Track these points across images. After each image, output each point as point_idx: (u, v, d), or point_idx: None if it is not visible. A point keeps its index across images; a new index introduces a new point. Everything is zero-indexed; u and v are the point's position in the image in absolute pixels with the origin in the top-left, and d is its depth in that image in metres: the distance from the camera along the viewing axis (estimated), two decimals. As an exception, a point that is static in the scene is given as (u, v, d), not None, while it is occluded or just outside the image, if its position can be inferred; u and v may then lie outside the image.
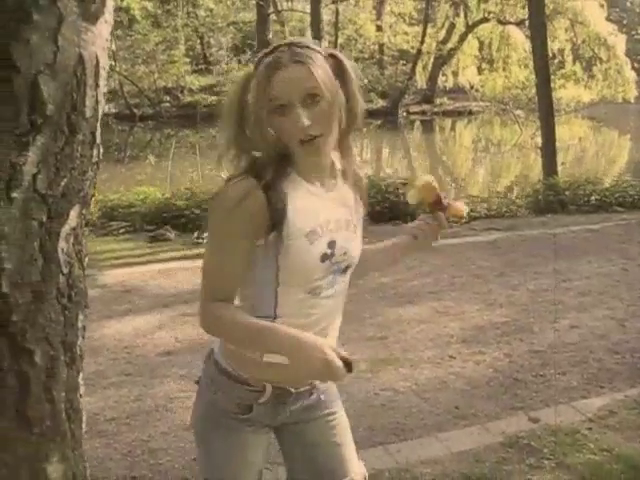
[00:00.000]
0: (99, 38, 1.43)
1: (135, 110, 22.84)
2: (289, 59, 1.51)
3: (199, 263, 5.79)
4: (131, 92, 23.68)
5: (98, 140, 1.53)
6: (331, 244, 1.62)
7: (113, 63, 22.68)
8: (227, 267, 1.57)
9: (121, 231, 7.84)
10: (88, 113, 1.47)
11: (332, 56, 1.58)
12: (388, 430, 3.42)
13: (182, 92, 24.00)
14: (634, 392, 3.83)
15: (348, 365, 1.45)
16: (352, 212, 1.70)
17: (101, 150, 1.56)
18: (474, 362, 4.24)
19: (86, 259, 1.57)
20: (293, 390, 1.71)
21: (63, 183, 1.43)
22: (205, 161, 12.36)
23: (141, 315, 5.02)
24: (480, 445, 3.27)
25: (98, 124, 1.53)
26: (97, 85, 1.46)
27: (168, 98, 23.85)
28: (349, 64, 1.60)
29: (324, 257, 1.61)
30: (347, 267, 1.70)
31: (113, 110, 22.77)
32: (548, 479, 2.99)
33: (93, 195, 1.59)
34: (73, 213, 1.48)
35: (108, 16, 1.45)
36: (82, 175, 1.51)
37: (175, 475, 3.08)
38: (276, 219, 1.53)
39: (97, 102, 1.50)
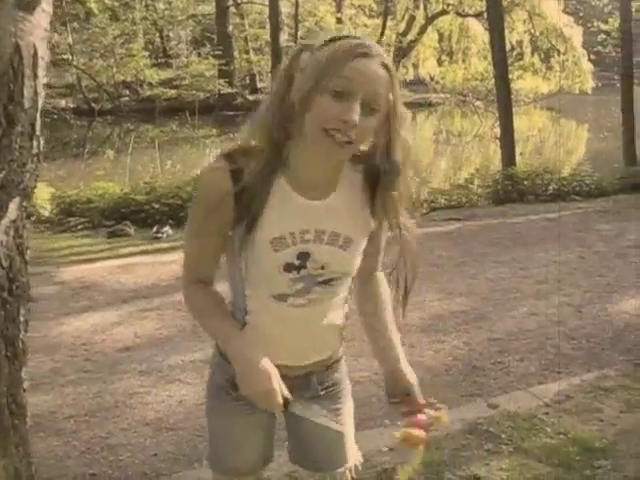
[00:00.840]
0: (37, 28, 1.40)
1: (94, 105, 22.50)
2: (378, 57, 1.41)
3: (159, 258, 5.78)
4: (89, 87, 23.31)
5: (38, 131, 1.50)
6: (302, 255, 1.54)
7: (70, 57, 22.38)
8: (199, 249, 1.59)
9: (79, 227, 7.74)
10: (27, 104, 1.44)
11: (385, 67, 1.44)
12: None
13: (141, 86, 23.71)
14: (590, 376, 3.90)
15: (285, 403, 1.50)
16: (348, 225, 1.57)
17: (42, 142, 1.53)
18: (433, 351, 4.28)
19: (28, 252, 1.54)
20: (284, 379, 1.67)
21: (1, 175, 1.40)
22: (165, 155, 12.24)
23: (100, 311, 4.96)
24: (440, 432, 3.29)
25: (38, 115, 1.50)
26: (36, 75, 1.44)
27: (127, 92, 23.55)
28: (397, 77, 1.49)
29: (288, 267, 1.54)
30: (330, 280, 1.59)
31: (71, 105, 22.42)
32: (506, 464, 3.03)
33: (34, 187, 1.56)
34: (13, 205, 1.45)
35: (46, 6, 1.42)
36: (21, 167, 1.48)
37: (135, 471, 3.06)
38: (244, 215, 1.48)
39: (36, 93, 1.47)
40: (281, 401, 1.48)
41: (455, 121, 23.64)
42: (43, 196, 8.42)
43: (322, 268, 1.57)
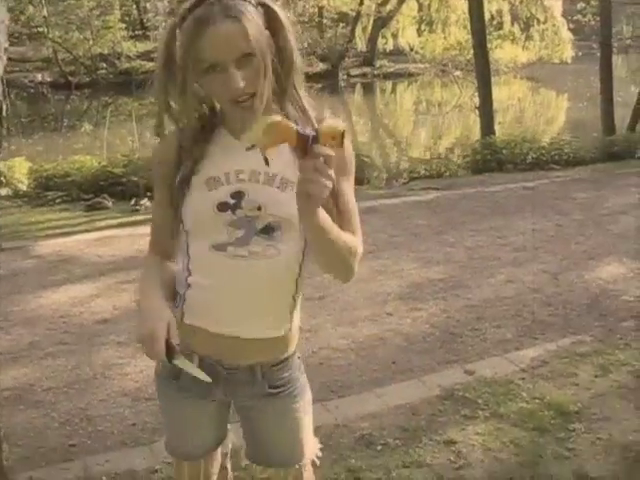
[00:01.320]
0: (-5, -10, 1.37)
1: (71, 78, 22.19)
2: (220, 13, 1.38)
3: (137, 230, 5.78)
4: (66, 60, 22.98)
5: (0, 96, 1.48)
6: (236, 195, 1.51)
7: (46, 30, 22.02)
8: (155, 218, 1.63)
9: (57, 201, 7.67)
10: (-13, 69, 1.42)
11: (262, 5, 1.45)
12: (326, 387, 3.46)
13: (119, 59, 23.40)
14: (566, 342, 3.95)
15: (170, 352, 1.44)
16: (285, 167, 1.48)
17: (4, 107, 1.51)
18: (411, 318, 4.31)
19: (0, 212, 1.52)
20: (222, 370, 1.62)
21: (-38, 139, 1.39)
22: (142, 128, 12.13)
23: (78, 284, 4.94)
24: (417, 399, 3.34)
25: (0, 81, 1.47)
26: (-4, 39, 1.41)
27: (104, 65, 23.24)
28: (282, 13, 1.48)
29: (222, 206, 1.51)
30: (269, 227, 1.52)
31: (48, 79, 22.14)
32: (482, 429, 3.07)
33: (-3, 152, 1.54)
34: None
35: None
36: (-16, 132, 1.46)
37: (114, 440, 3.07)
38: (184, 165, 1.52)
39: (-3, 57, 1.44)
40: (163, 349, 1.42)
41: (435, 91, 23.57)
42: (21, 170, 8.35)
43: (259, 209, 1.51)
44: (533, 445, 2.93)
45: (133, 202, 7.29)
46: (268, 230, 1.52)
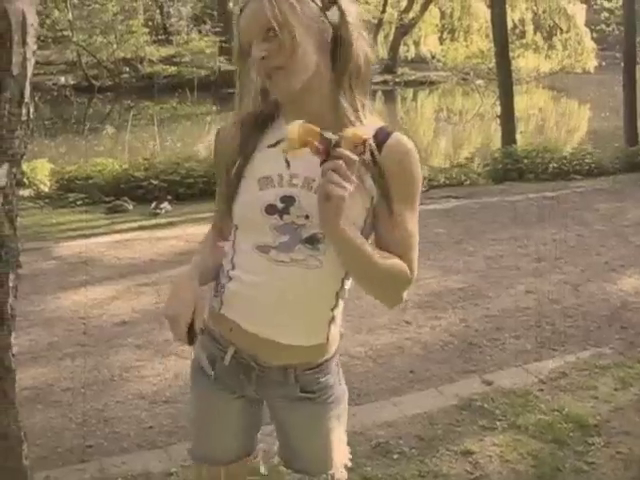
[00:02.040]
0: (25, -6, 1.39)
1: (94, 81, 22.36)
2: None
3: (157, 234, 5.79)
4: (89, 63, 23.18)
5: (27, 99, 1.50)
6: (286, 199, 1.46)
7: (70, 34, 22.23)
8: (218, 201, 1.64)
9: (78, 203, 7.71)
10: (15, 71, 1.43)
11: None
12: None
13: (141, 63, 23.55)
14: (585, 354, 3.92)
15: (191, 335, 1.45)
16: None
17: (31, 109, 1.52)
18: (430, 327, 4.29)
19: (18, 219, 1.54)
20: (255, 365, 1.59)
21: (-11, 141, 1.40)
22: (164, 132, 12.21)
23: (97, 286, 4.97)
24: (434, 408, 3.32)
25: (27, 82, 1.49)
26: (25, 42, 1.43)
27: (127, 69, 23.41)
28: (349, 8, 1.44)
29: (270, 209, 1.47)
30: (314, 239, 1.47)
31: (71, 82, 22.31)
32: (500, 439, 3.05)
33: (23, 154, 1.55)
34: (1, 172, 1.45)
35: (33, -28, 1.41)
36: (11, 133, 1.47)
37: (131, 443, 3.08)
38: (241, 154, 1.51)
39: (25, 59, 1.46)
40: (185, 333, 1.44)
41: (456, 99, 23.53)
42: (42, 172, 8.41)
43: (306, 217, 1.46)
44: (551, 458, 2.91)
45: (153, 205, 7.31)
46: (313, 240, 1.48)
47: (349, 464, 1.77)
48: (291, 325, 1.55)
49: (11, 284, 1.59)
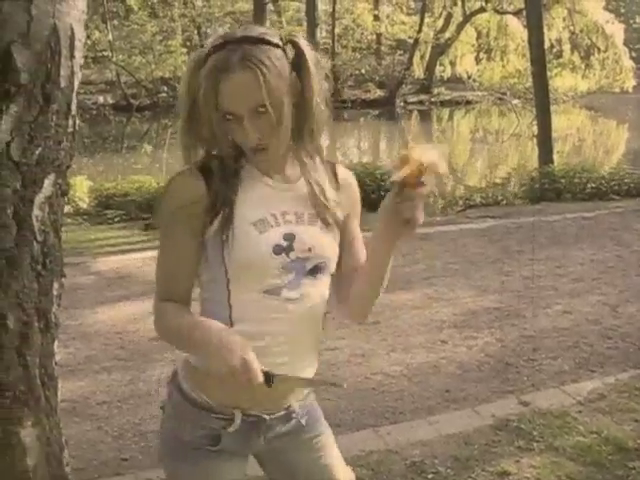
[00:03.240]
0: (74, 9, 1.43)
1: (132, 101, 22.78)
2: (239, 62, 1.37)
3: (192, 249, 5.69)
4: (128, 83, 23.61)
5: (74, 111, 1.53)
6: (288, 236, 1.48)
7: (110, 54, 22.67)
8: (173, 267, 1.48)
9: (116, 219, 7.84)
10: (63, 83, 1.47)
11: (292, 43, 1.44)
12: (378, 413, 3.44)
13: (179, 82, 23.91)
14: (625, 376, 3.84)
15: (268, 378, 1.37)
16: (320, 209, 1.53)
17: (77, 121, 1.56)
18: (466, 347, 4.25)
19: (62, 229, 1.57)
20: (267, 417, 1.56)
21: (37, 152, 1.44)
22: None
23: (134, 301, 5.02)
24: (470, 428, 3.28)
25: (74, 95, 1.53)
26: (72, 56, 1.47)
27: (165, 88, 23.77)
28: (310, 54, 1.44)
29: (278, 249, 1.46)
30: (316, 268, 1.52)
31: (110, 101, 22.77)
32: (537, 461, 3.00)
33: (69, 165, 1.58)
34: (48, 182, 1.48)
35: (83, -12, 1.45)
36: (57, 145, 1.51)
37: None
38: (218, 209, 1.43)
39: (73, 73, 1.50)
40: (260, 374, 1.34)
41: (492, 119, 23.46)
42: (82, 189, 8.57)
43: (309, 250, 1.50)
44: (590, 481, 2.85)
45: (189, 222, 7.39)
46: (315, 271, 1.52)
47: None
48: (301, 359, 1.56)
49: (55, 293, 1.62)
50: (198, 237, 1.44)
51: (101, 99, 22.59)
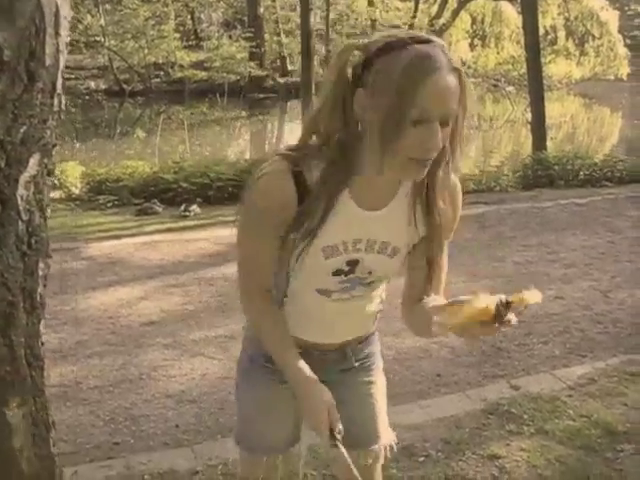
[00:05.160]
0: (58, -15, 1.41)
1: (125, 86, 22.59)
2: (448, 62, 1.33)
3: (186, 236, 5.83)
4: (121, 68, 23.42)
5: (59, 90, 1.52)
6: (352, 262, 1.56)
7: (102, 39, 22.49)
8: (261, 255, 1.54)
9: (108, 205, 7.78)
10: (48, 61, 1.45)
11: (455, 71, 1.37)
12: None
13: (172, 68, 23.72)
14: (615, 361, 3.86)
15: (333, 435, 1.49)
16: (398, 235, 1.56)
17: (63, 100, 1.54)
18: (457, 331, 4.25)
19: (48, 209, 1.56)
20: (315, 351, 1.70)
21: (22, 130, 1.42)
22: (194, 137, 12.30)
23: (126, 286, 5.01)
24: (460, 411, 3.29)
25: (59, 73, 1.51)
26: (58, 34, 1.45)
27: (158, 74, 23.62)
28: (467, 81, 1.41)
29: (338, 272, 1.57)
30: (373, 282, 1.63)
31: (102, 86, 22.58)
32: (527, 444, 3.02)
33: (55, 145, 1.57)
34: (33, 161, 1.47)
35: (67, -38, 1.43)
36: (42, 123, 1.49)
37: (157, 441, 3.10)
38: (303, 220, 1.45)
39: (58, 51, 1.48)
40: (328, 433, 1.49)
41: (486, 106, 23.41)
42: (73, 174, 8.51)
43: (369, 273, 1.59)
44: (579, 464, 2.87)
45: (182, 208, 7.36)
46: (371, 282, 1.63)
47: (394, 446, 1.88)
48: (347, 334, 1.73)
49: (41, 273, 1.61)
50: (281, 233, 1.49)
51: (93, 84, 22.42)
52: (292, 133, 13.45)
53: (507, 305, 1.37)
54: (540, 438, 3.06)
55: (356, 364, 1.76)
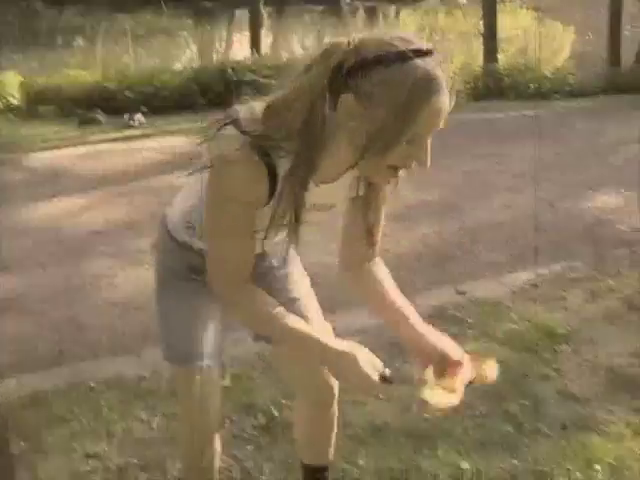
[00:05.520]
0: None
1: (64, -8, 21.63)
2: (446, 82, 1.31)
3: (130, 145, 5.68)
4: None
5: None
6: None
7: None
8: (242, 248, 1.47)
9: (49, 115, 7.54)
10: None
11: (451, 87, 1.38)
12: (319, 305, 3.45)
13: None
14: (557, 267, 3.93)
15: (385, 380, 1.47)
16: (340, 198, 1.61)
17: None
18: (404, 239, 4.28)
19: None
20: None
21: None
22: (137, 46, 11.90)
23: (69, 197, 4.90)
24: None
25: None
26: None
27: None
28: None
29: None
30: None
31: (41, -8, 21.58)
32: (470, 347, 3.06)
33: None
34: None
35: None
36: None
37: (103, 348, 3.09)
38: (274, 222, 1.41)
39: None
40: (377, 381, 1.47)
41: (439, 18, 23.08)
42: (11, 84, 8.17)
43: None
44: (520, 364, 2.94)
45: (127, 117, 7.16)
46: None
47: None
48: None
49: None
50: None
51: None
52: (240, 43, 13.10)
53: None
54: (483, 340, 3.12)
55: (273, 261, 1.82)
